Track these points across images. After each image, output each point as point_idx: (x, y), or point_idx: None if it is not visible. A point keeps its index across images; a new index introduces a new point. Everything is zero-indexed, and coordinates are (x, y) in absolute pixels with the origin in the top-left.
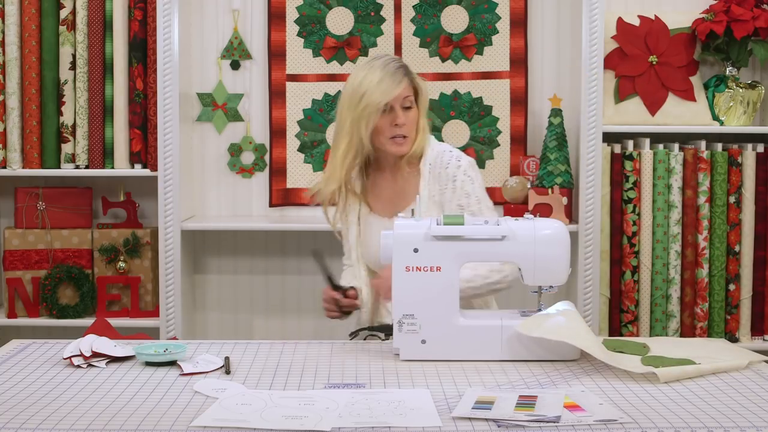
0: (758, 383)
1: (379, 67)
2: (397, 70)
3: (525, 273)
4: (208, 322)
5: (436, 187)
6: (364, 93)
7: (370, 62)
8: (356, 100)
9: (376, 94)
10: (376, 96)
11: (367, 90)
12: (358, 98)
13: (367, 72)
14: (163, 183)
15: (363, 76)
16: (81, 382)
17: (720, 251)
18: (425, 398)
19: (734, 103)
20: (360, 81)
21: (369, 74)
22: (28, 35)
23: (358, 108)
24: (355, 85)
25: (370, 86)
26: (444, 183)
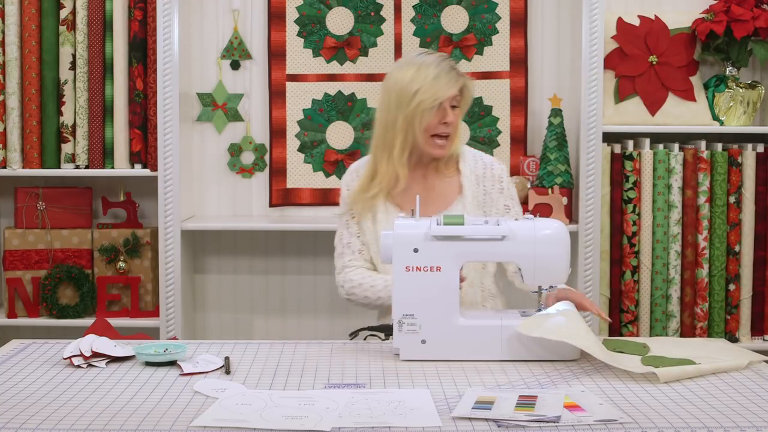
0: (758, 383)
1: (432, 64)
2: (451, 69)
3: (525, 273)
4: (208, 322)
5: (480, 188)
6: (418, 90)
7: (419, 58)
8: (408, 97)
9: (430, 92)
10: (431, 93)
11: (421, 87)
12: (410, 95)
13: (418, 68)
14: (163, 183)
15: (414, 73)
16: (81, 382)
17: (720, 251)
18: (425, 398)
19: (734, 103)
20: (411, 78)
21: (422, 71)
22: (28, 35)
23: (410, 105)
24: (406, 81)
25: (424, 83)
26: (491, 183)
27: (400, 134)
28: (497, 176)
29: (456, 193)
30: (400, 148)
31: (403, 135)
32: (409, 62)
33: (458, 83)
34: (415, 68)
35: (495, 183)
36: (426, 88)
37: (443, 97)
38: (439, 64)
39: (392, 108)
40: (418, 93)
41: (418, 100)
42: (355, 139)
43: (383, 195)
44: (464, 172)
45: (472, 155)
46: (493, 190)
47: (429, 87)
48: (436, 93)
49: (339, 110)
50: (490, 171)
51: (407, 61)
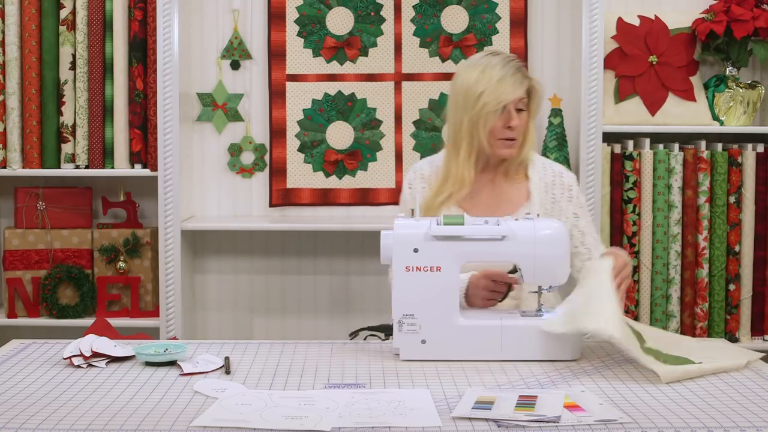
0: (758, 383)
1: (498, 65)
2: (517, 71)
3: (525, 273)
4: (208, 322)
5: (548, 195)
6: (482, 92)
7: (484, 59)
8: (472, 99)
9: (494, 95)
10: (495, 96)
11: (486, 89)
12: (475, 97)
13: (483, 69)
14: (163, 183)
15: (479, 74)
16: (81, 382)
17: (720, 251)
18: (425, 398)
19: (734, 103)
20: (476, 79)
21: (487, 72)
22: (28, 35)
23: (475, 108)
24: (471, 83)
25: (488, 85)
26: (560, 192)
27: (465, 137)
28: (567, 184)
29: (524, 198)
30: (466, 150)
31: (468, 138)
32: (475, 63)
33: (524, 85)
34: (480, 69)
35: (564, 191)
36: (490, 91)
37: (507, 100)
38: (505, 65)
39: (459, 109)
40: (482, 95)
41: (482, 102)
42: (355, 139)
43: (453, 199)
44: (533, 178)
45: (541, 163)
46: (562, 198)
47: (493, 89)
48: (499, 96)
49: (339, 110)
50: (559, 179)
51: (474, 62)
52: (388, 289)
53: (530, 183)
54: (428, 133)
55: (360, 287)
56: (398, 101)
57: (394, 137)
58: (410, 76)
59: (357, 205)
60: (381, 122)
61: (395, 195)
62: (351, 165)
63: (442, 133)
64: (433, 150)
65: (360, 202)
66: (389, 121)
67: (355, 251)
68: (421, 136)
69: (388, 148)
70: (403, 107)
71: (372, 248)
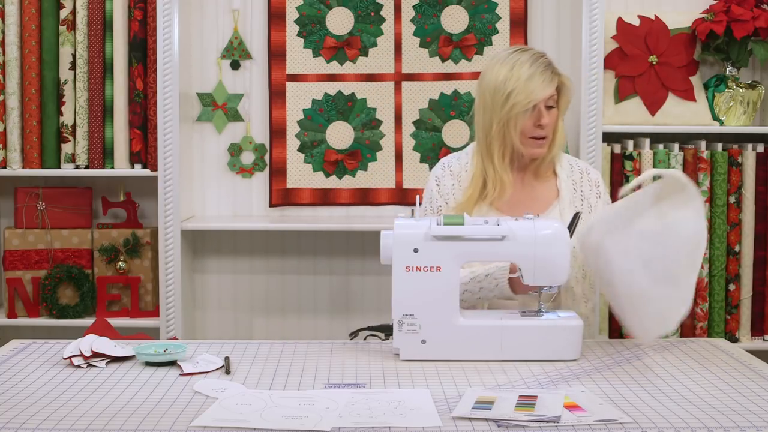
0: (758, 383)
1: (527, 62)
2: (546, 68)
3: (525, 273)
4: (208, 322)
5: (577, 193)
6: (511, 91)
7: (513, 55)
8: (501, 99)
9: (523, 94)
10: (525, 95)
11: (515, 88)
12: (504, 97)
13: (512, 67)
14: (163, 183)
15: (508, 72)
16: (81, 382)
17: (720, 251)
18: (425, 398)
19: (734, 103)
20: (505, 78)
21: (515, 70)
22: (28, 35)
23: (504, 108)
24: (499, 81)
25: (517, 84)
26: (588, 188)
27: (497, 138)
28: (594, 181)
29: (553, 196)
30: (499, 153)
31: (500, 139)
32: (502, 60)
33: (554, 83)
34: (509, 67)
35: (592, 187)
36: (519, 89)
37: (537, 99)
38: (534, 62)
39: (487, 110)
40: (512, 95)
41: (512, 102)
42: (355, 139)
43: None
44: (561, 176)
45: (567, 160)
46: (591, 194)
47: (522, 88)
48: (529, 94)
49: (339, 110)
50: (587, 176)
51: (501, 58)
52: (388, 289)
53: (559, 180)
54: (428, 133)
55: (360, 287)
56: (398, 101)
57: (394, 137)
58: (410, 76)
59: (357, 205)
60: (381, 122)
61: (395, 195)
62: (351, 165)
63: (441, 134)
64: (433, 150)
65: (360, 202)
66: (389, 121)
67: (355, 251)
68: (421, 136)
69: (388, 148)
70: (403, 107)
71: (372, 248)
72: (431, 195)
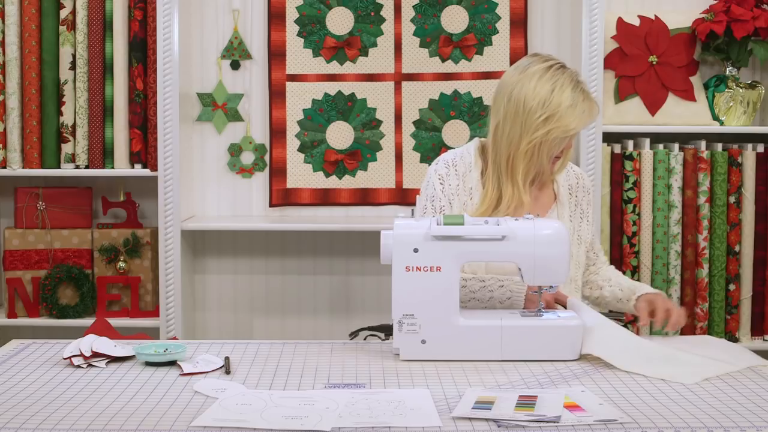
0: (758, 383)
1: (568, 87)
2: (587, 97)
3: (525, 273)
4: (208, 322)
5: (573, 198)
6: (551, 116)
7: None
8: (537, 120)
9: (565, 120)
10: (566, 122)
11: (556, 113)
12: (541, 120)
13: (553, 89)
14: (163, 183)
15: (550, 92)
16: (81, 382)
17: (720, 251)
18: (425, 398)
19: (734, 103)
20: (544, 99)
21: (557, 94)
22: (28, 35)
23: (540, 130)
24: (538, 101)
25: (559, 110)
26: (582, 195)
27: (524, 157)
28: (586, 187)
29: (551, 200)
30: (524, 173)
31: (528, 159)
32: (539, 75)
33: (594, 113)
34: (549, 87)
35: (585, 194)
36: (561, 116)
37: (580, 128)
38: (575, 87)
39: (516, 125)
40: (549, 120)
41: (550, 127)
42: (355, 139)
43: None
44: (559, 180)
45: None
46: (584, 201)
47: (565, 114)
48: (572, 122)
49: (339, 110)
50: (582, 181)
51: (536, 72)
52: (388, 289)
53: (557, 185)
54: (428, 133)
55: (360, 287)
56: (398, 101)
57: (394, 137)
58: (410, 76)
59: (357, 205)
60: (381, 122)
61: (395, 195)
62: (351, 165)
63: (441, 134)
64: (433, 150)
65: (360, 202)
66: (389, 121)
67: (355, 251)
68: (421, 136)
69: (388, 148)
70: (403, 107)
71: (372, 248)
72: (433, 194)
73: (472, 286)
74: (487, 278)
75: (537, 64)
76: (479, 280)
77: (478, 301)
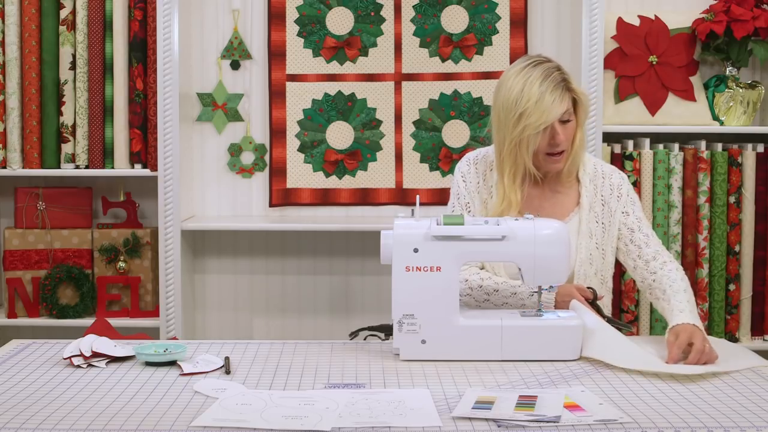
0: (758, 383)
1: (537, 80)
2: (557, 85)
3: (525, 273)
4: (208, 322)
5: (598, 198)
6: (522, 112)
7: (525, 71)
8: (513, 119)
9: (535, 116)
10: (536, 118)
11: (526, 109)
12: (515, 118)
13: (524, 85)
14: (163, 183)
15: (520, 91)
16: (81, 382)
17: (720, 251)
18: (425, 398)
19: (734, 103)
20: (516, 97)
21: (526, 89)
22: (28, 35)
23: (516, 129)
24: (511, 100)
25: (528, 105)
26: (609, 192)
27: (508, 158)
28: (616, 185)
29: (573, 204)
30: (510, 173)
31: (511, 159)
32: (515, 74)
33: (565, 101)
34: (521, 85)
35: (613, 191)
36: (530, 111)
37: (548, 121)
38: (545, 80)
39: (501, 127)
40: (523, 117)
41: (523, 124)
42: (355, 139)
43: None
44: (583, 181)
45: (592, 164)
46: (611, 198)
47: (533, 110)
48: (540, 117)
49: (339, 110)
50: (608, 180)
51: (515, 72)
52: (388, 289)
53: (581, 186)
54: (428, 133)
55: (360, 287)
56: (398, 101)
57: (394, 137)
58: (410, 76)
59: (357, 205)
60: (381, 122)
61: (395, 195)
62: (351, 165)
63: (441, 134)
64: (433, 150)
65: (360, 202)
66: (389, 121)
67: (355, 251)
68: (421, 136)
69: (388, 148)
70: (403, 107)
71: (372, 248)
72: (458, 191)
73: (487, 288)
74: (500, 283)
75: (517, 65)
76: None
77: (491, 303)
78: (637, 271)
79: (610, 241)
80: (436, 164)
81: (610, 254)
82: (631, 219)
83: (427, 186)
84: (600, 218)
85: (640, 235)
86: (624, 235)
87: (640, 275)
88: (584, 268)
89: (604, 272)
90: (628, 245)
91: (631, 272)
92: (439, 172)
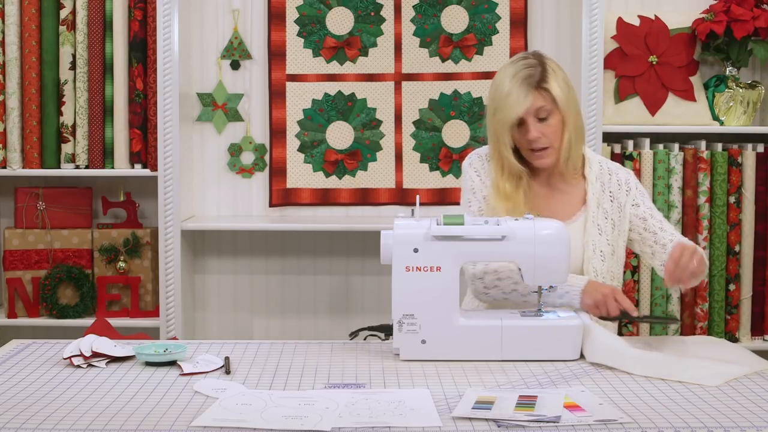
0: (758, 383)
1: (508, 77)
2: (523, 82)
3: (525, 273)
4: (208, 322)
5: (606, 194)
6: (495, 108)
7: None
8: (490, 113)
9: (503, 111)
10: (504, 112)
11: (498, 105)
12: (491, 113)
13: (501, 81)
14: (163, 183)
15: (497, 86)
16: (81, 382)
17: (720, 251)
18: (425, 398)
19: (734, 103)
20: (492, 92)
21: (500, 84)
22: (28, 35)
23: (492, 123)
24: (490, 95)
25: (498, 101)
26: (617, 187)
27: (494, 151)
28: (623, 180)
29: (580, 203)
30: (497, 166)
31: (495, 152)
32: (502, 69)
33: (529, 97)
34: (498, 80)
35: (621, 186)
36: (500, 106)
37: (515, 116)
38: (514, 77)
39: (486, 121)
40: (496, 111)
41: (497, 118)
42: (355, 139)
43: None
44: (590, 178)
45: (597, 162)
46: (620, 192)
47: (502, 105)
48: (507, 112)
49: (339, 110)
50: (615, 176)
51: (502, 67)
52: (388, 289)
53: (587, 184)
54: (428, 133)
55: (360, 287)
56: (398, 101)
57: (394, 137)
58: (410, 76)
59: (357, 205)
60: (381, 122)
61: (395, 195)
62: (351, 165)
63: (441, 134)
64: (433, 150)
65: (360, 202)
66: (389, 121)
67: (355, 251)
68: (421, 136)
69: (388, 148)
70: (403, 107)
71: (372, 248)
72: (473, 185)
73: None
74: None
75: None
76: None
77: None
78: (656, 257)
79: (620, 237)
80: (436, 164)
81: (621, 250)
82: (642, 209)
83: (427, 186)
84: (609, 215)
85: (653, 221)
86: (637, 225)
87: (660, 259)
88: (595, 265)
89: (614, 269)
90: (642, 234)
91: (649, 260)
92: (439, 172)
